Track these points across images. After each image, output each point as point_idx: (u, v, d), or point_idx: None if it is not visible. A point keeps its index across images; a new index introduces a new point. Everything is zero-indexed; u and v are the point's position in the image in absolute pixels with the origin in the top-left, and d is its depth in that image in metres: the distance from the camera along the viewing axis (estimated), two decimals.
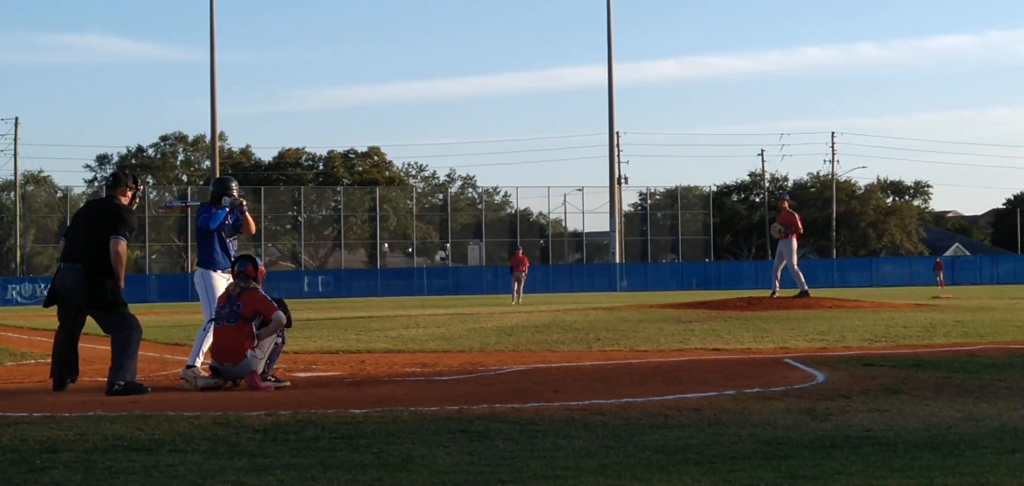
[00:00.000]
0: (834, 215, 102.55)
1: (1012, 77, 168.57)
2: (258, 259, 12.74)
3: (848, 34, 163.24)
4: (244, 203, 13.68)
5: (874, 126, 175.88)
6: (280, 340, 12.32)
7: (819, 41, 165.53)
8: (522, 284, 47.47)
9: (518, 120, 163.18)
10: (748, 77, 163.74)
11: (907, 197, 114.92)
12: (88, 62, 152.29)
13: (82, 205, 12.43)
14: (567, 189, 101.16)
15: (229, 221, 13.47)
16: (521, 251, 50.69)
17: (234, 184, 13.77)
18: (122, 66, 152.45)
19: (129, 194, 12.22)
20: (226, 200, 13.46)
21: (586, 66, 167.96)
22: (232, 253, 13.39)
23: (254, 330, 11.98)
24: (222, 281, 12.91)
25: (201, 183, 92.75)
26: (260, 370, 11.92)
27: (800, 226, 28.06)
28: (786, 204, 28.25)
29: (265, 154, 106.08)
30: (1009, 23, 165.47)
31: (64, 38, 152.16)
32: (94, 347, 15.61)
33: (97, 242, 11.77)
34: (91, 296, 11.71)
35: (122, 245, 11.74)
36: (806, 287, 27.84)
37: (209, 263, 12.97)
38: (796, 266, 27.98)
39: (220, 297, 12.42)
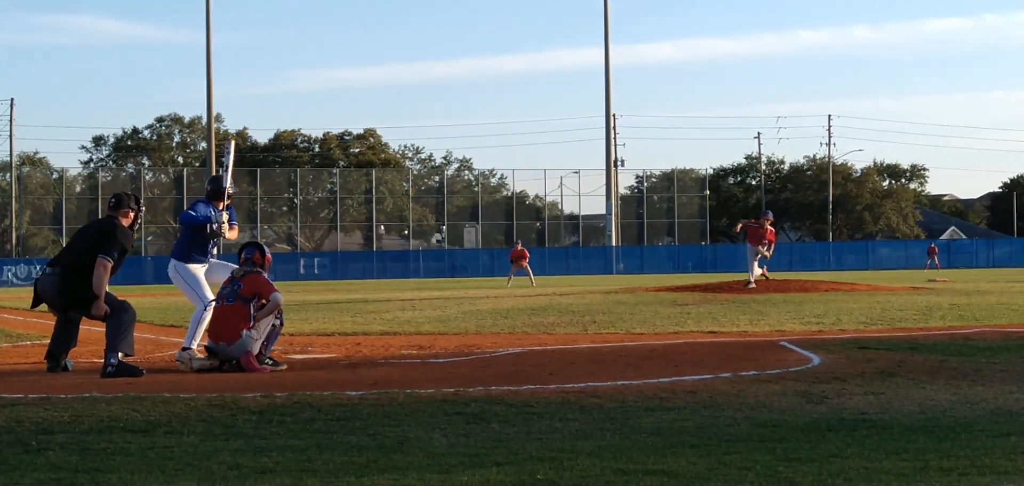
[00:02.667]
0: (830, 198, 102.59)
1: (1007, 60, 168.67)
2: (265, 247, 12.73)
3: (843, 17, 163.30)
4: (226, 221, 13.41)
5: (871, 109, 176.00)
6: (278, 322, 12.31)
7: (814, 24, 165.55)
8: (529, 272, 47.01)
9: (514, 102, 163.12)
10: (744, 60, 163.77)
11: (903, 180, 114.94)
12: (84, 43, 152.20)
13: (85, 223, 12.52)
14: (563, 171, 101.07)
15: (211, 229, 13.26)
16: (520, 243, 50.46)
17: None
18: (118, 47, 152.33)
19: (131, 216, 12.17)
20: (214, 219, 13.20)
21: (582, 48, 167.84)
22: (209, 250, 13.25)
23: (252, 311, 11.98)
24: (199, 269, 12.87)
25: (197, 165, 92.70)
26: (256, 351, 11.92)
27: (760, 233, 28.40)
28: (767, 221, 28.66)
29: (261, 136, 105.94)
30: (1004, 7, 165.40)
31: (59, 19, 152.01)
32: (90, 328, 15.60)
33: (82, 252, 11.77)
34: (67, 296, 11.72)
35: (107, 266, 11.68)
36: (753, 281, 27.82)
37: (183, 256, 12.90)
38: (754, 262, 28.28)
39: (225, 280, 12.41)
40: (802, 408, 8.72)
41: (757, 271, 28.33)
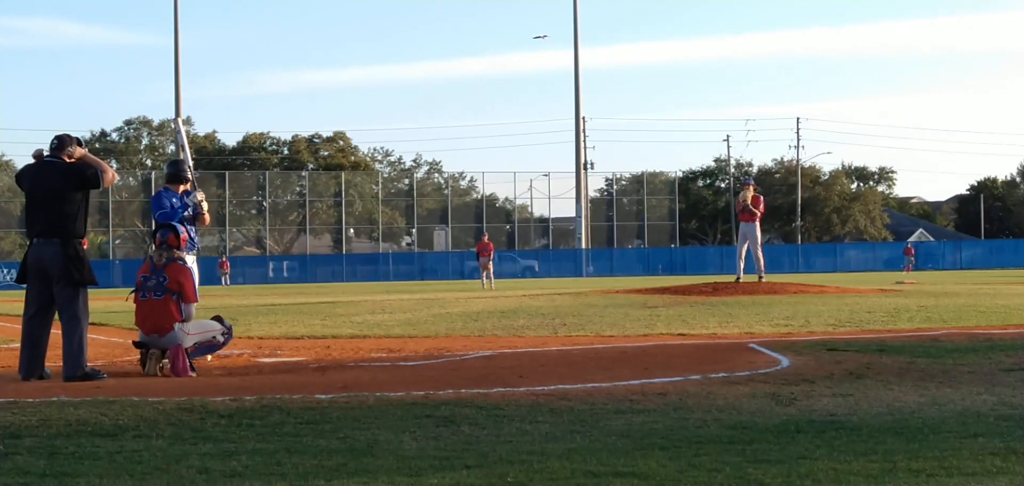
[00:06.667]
0: (799, 200, 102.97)
1: (974, 63, 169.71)
2: (179, 227, 12.56)
3: (812, 19, 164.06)
4: (203, 200, 13.72)
5: (839, 111, 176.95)
6: (222, 338, 12.27)
7: (783, 26, 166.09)
8: (490, 270, 47.38)
9: (484, 105, 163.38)
10: (713, 63, 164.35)
11: (871, 183, 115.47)
12: (51, 45, 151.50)
13: (31, 170, 11.88)
14: (533, 174, 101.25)
15: (188, 210, 13.56)
16: (486, 236, 50.60)
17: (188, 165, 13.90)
18: (85, 49, 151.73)
19: (77, 154, 11.82)
20: (190, 198, 13.49)
21: (552, 51, 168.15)
22: (193, 234, 13.40)
23: (182, 304, 11.90)
24: (191, 260, 12.89)
25: (164, 168, 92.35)
26: (187, 345, 11.82)
27: (762, 208, 28.15)
28: (751, 188, 28.21)
29: (229, 138, 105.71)
30: (969, 9, 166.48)
31: (25, 22, 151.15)
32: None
33: (61, 204, 11.43)
34: (75, 264, 11.38)
35: (110, 171, 11.64)
36: (764, 274, 28.06)
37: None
38: (759, 252, 28.09)
39: (143, 267, 12.22)
40: (771, 410, 8.75)
41: (760, 262, 28.21)
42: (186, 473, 6.54)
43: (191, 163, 13.73)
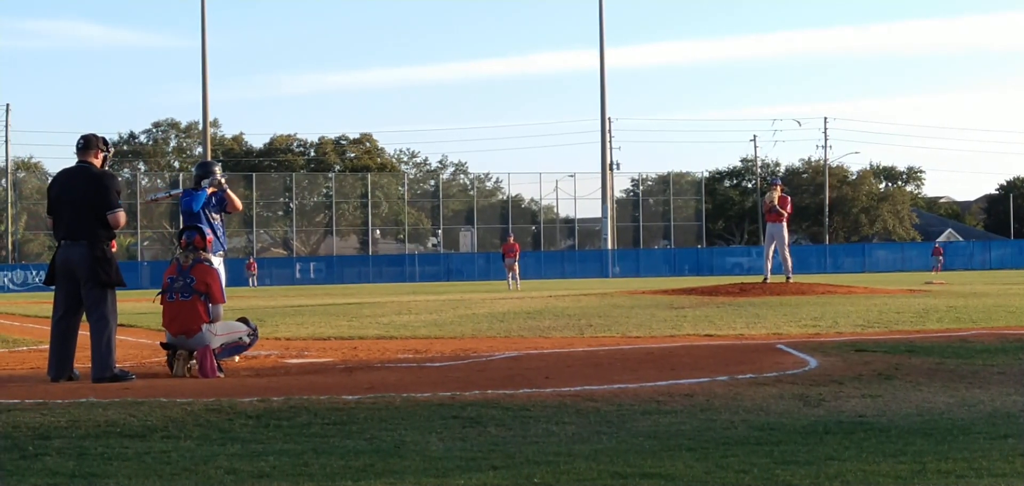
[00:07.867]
0: (827, 201, 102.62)
1: (1003, 62, 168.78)
2: (205, 229, 12.63)
3: (839, 19, 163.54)
4: (224, 181, 13.78)
5: (867, 111, 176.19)
6: (248, 339, 12.30)
7: (810, 26, 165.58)
8: (516, 271, 47.35)
9: (509, 106, 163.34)
10: (740, 62, 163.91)
11: (900, 183, 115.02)
12: (80, 48, 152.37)
13: (61, 176, 11.95)
14: (559, 175, 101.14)
15: (213, 201, 13.60)
16: (512, 237, 50.60)
17: (217, 167, 13.89)
18: (113, 52, 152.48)
19: (101, 156, 11.88)
20: (205, 182, 13.59)
21: (577, 51, 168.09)
22: (222, 235, 13.41)
23: (209, 305, 11.93)
24: (218, 261, 12.93)
25: (193, 170, 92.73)
26: (215, 346, 11.84)
27: (789, 209, 28.13)
28: (779, 189, 28.16)
29: (257, 141, 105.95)
30: (1001, 8, 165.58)
31: (55, 24, 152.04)
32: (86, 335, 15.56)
33: (91, 212, 11.47)
34: (102, 265, 11.41)
35: (123, 217, 11.63)
36: (792, 274, 28.05)
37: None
38: (787, 252, 28.06)
39: (170, 269, 12.25)
40: (799, 411, 8.71)
41: (771, 266, 28.24)
42: (214, 474, 6.55)
43: (222, 179, 13.91)
